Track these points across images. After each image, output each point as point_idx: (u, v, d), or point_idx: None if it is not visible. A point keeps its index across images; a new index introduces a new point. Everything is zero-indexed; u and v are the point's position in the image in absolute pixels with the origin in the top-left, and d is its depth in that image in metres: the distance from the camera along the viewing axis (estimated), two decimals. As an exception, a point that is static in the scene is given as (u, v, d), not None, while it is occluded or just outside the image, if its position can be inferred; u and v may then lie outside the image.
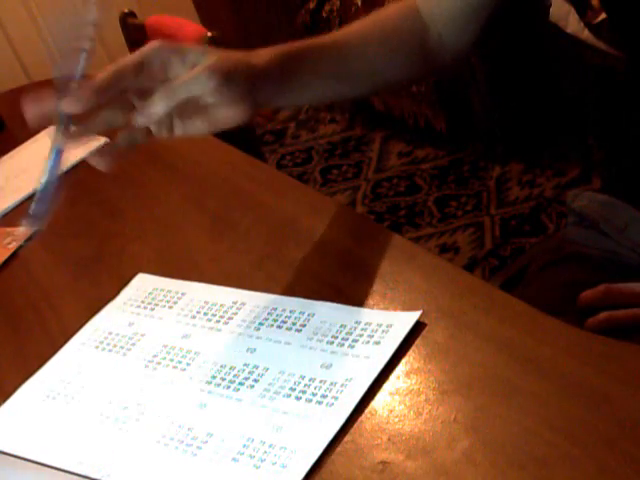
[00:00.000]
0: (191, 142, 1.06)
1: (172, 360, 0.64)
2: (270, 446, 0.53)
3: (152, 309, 0.72)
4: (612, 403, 0.48)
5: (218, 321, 0.67)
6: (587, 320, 0.68)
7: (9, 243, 0.92)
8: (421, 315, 0.58)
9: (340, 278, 0.67)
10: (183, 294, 0.72)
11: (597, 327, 0.67)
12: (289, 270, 0.70)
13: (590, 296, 0.71)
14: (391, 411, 0.52)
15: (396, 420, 0.52)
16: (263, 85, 0.66)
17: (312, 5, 2.49)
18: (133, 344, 0.68)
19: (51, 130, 0.61)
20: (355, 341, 0.59)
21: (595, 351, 0.53)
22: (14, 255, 0.90)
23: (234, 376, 0.60)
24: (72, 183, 1.05)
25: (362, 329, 0.60)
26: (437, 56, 0.80)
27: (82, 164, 1.08)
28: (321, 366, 0.58)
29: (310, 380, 0.57)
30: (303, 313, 0.64)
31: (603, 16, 0.76)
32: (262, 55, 0.67)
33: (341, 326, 0.61)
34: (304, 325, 0.62)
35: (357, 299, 0.63)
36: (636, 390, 0.48)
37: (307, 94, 0.74)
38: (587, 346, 0.53)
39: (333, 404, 0.54)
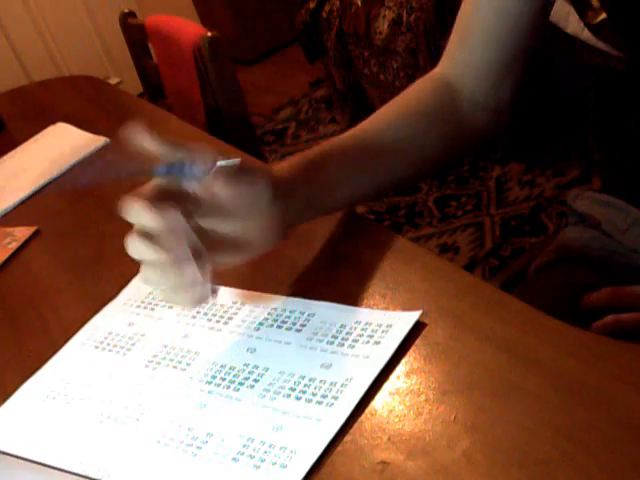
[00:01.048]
0: (190, 142, 1.06)
1: (172, 360, 0.64)
2: (270, 446, 0.53)
3: (152, 309, 0.72)
4: (612, 403, 0.48)
5: (218, 321, 0.67)
6: (593, 323, 0.68)
7: (9, 243, 0.92)
8: (421, 315, 0.58)
9: (340, 278, 0.67)
10: (183, 294, 0.72)
11: (603, 330, 0.67)
12: (289, 270, 0.70)
13: (595, 299, 0.71)
14: (391, 411, 0.52)
15: (396, 420, 0.52)
16: (291, 195, 0.60)
17: (312, 5, 2.49)
18: (133, 344, 0.68)
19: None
20: (355, 341, 0.59)
21: (595, 351, 0.53)
22: (14, 255, 0.90)
23: (234, 376, 0.60)
24: (72, 183, 1.05)
25: (362, 329, 0.60)
26: (472, 119, 0.72)
27: (82, 164, 1.08)
28: (321, 366, 0.58)
29: (310, 380, 0.57)
30: (303, 313, 0.64)
31: (603, 16, 0.76)
32: (281, 166, 0.62)
33: (341, 326, 0.61)
34: (304, 325, 0.62)
35: (357, 299, 0.63)
36: (636, 390, 0.48)
37: (338, 197, 0.66)
38: (587, 346, 0.53)
39: (333, 404, 0.54)
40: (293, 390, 0.57)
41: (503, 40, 0.69)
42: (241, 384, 0.59)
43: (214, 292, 0.59)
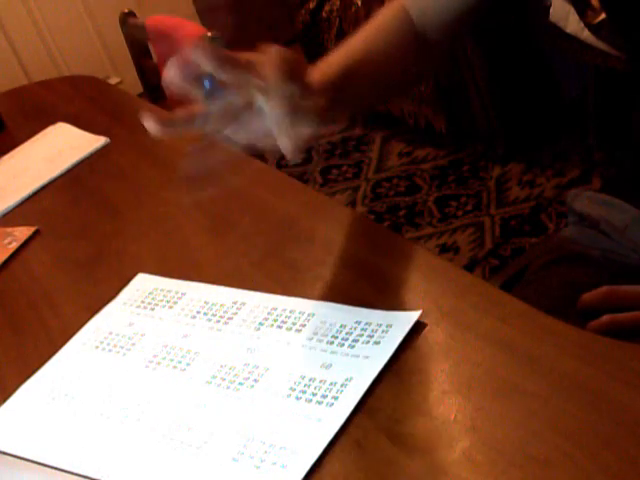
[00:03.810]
0: (190, 141, 1.06)
1: (172, 360, 0.64)
2: (270, 446, 0.53)
3: (152, 309, 0.72)
4: (612, 403, 0.48)
5: (218, 321, 0.67)
6: (589, 323, 0.68)
7: (9, 243, 0.92)
8: (421, 315, 0.58)
9: (340, 278, 0.67)
10: (183, 294, 0.72)
11: (599, 330, 0.67)
12: (289, 270, 0.70)
13: (591, 298, 0.71)
14: (391, 411, 0.52)
15: (396, 420, 0.52)
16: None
17: (312, 5, 2.49)
18: (133, 344, 0.68)
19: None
20: (355, 341, 0.59)
21: (595, 351, 0.53)
22: (14, 255, 0.90)
23: (234, 376, 0.60)
24: (72, 183, 1.05)
25: (362, 329, 0.60)
26: (425, 54, 0.83)
27: (82, 164, 1.08)
28: (321, 366, 0.58)
29: (310, 380, 0.57)
30: (303, 313, 0.64)
31: (603, 16, 0.76)
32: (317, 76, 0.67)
33: (341, 326, 0.61)
34: (304, 325, 0.62)
35: (357, 299, 0.63)
36: (636, 390, 0.48)
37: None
38: (587, 346, 0.53)
39: (333, 404, 0.54)
40: (293, 390, 0.57)
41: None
42: (241, 384, 0.59)
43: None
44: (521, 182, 2.07)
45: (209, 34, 1.33)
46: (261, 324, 0.64)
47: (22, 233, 0.94)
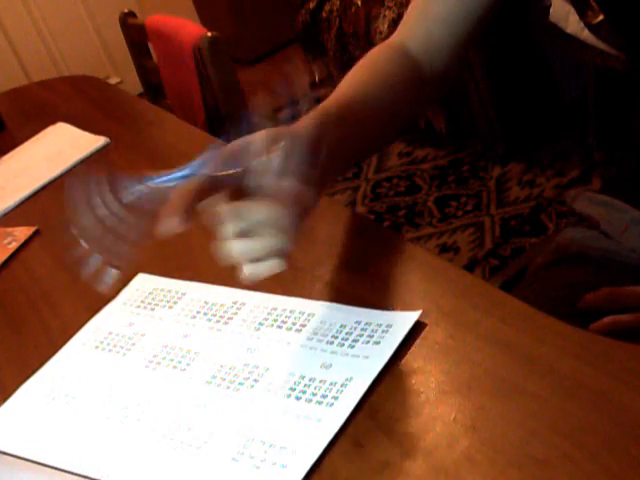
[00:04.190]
0: (190, 142, 1.06)
1: (172, 360, 0.64)
2: (270, 446, 0.53)
3: (152, 309, 0.72)
4: (612, 403, 0.48)
5: (218, 321, 0.67)
6: (591, 324, 0.68)
7: (9, 243, 0.92)
8: (421, 315, 0.58)
9: (340, 278, 0.67)
10: (183, 294, 0.72)
11: (601, 331, 0.67)
12: (289, 270, 0.70)
13: (593, 299, 0.71)
14: (391, 411, 0.52)
15: (396, 420, 0.52)
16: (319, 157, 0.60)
17: (312, 5, 2.49)
18: (133, 344, 0.68)
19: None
20: (355, 341, 0.59)
21: (595, 351, 0.53)
22: (14, 255, 0.90)
23: (234, 376, 0.60)
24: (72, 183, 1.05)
25: (362, 329, 0.60)
26: (432, 85, 0.80)
27: (82, 164, 1.08)
28: (321, 366, 0.58)
29: (310, 380, 0.57)
30: (303, 313, 0.64)
31: (602, 16, 0.76)
32: (301, 124, 0.63)
33: (341, 326, 0.61)
34: (304, 325, 0.62)
35: (357, 299, 0.63)
36: (636, 390, 0.48)
37: (349, 156, 0.70)
38: (587, 346, 0.53)
39: (333, 404, 0.54)
40: (293, 390, 0.57)
41: (461, 25, 0.76)
42: (241, 384, 0.59)
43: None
44: (521, 182, 2.07)
45: (209, 34, 1.33)
46: (261, 324, 0.64)
47: (22, 233, 0.94)
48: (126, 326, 0.71)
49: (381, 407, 0.53)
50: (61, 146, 1.15)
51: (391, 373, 0.55)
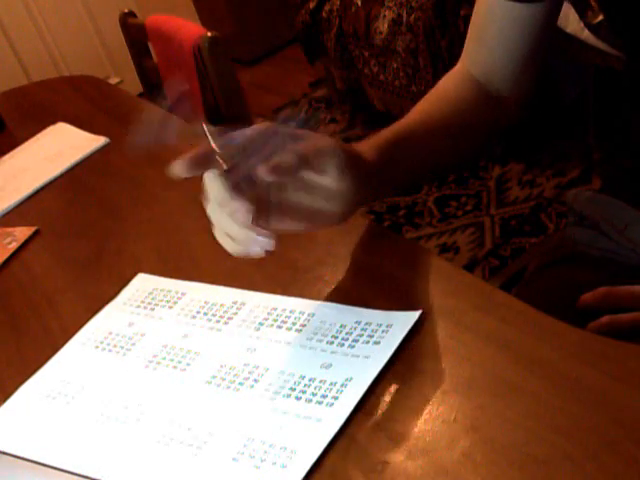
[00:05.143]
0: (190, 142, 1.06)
1: (172, 360, 0.64)
2: (270, 446, 0.53)
3: (152, 309, 0.72)
4: (612, 403, 0.48)
5: (218, 321, 0.67)
6: (588, 324, 0.68)
7: (9, 243, 0.92)
8: (421, 315, 0.58)
9: (340, 278, 0.67)
10: (183, 294, 0.72)
11: (599, 330, 0.67)
12: (289, 270, 0.70)
13: (590, 299, 0.71)
14: (391, 411, 0.52)
15: (396, 420, 0.52)
16: (371, 178, 0.63)
17: (312, 5, 2.49)
18: (133, 344, 0.68)
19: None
20: (355, 341, 0.59)
21: (595, 351, 0.53)
22: (14, 255, 0.90)
23: (234, 376, 0.60)
24: (72, 183, 1.05)
25: (362, 329, 0.60)
26: (501, 110, 0.79)
27: (82, 164, 1.09)
28: (321, 366, 0.58)
29: (310, 380, 0.57)
30: (303, 313, 0.64)
31: (602, 16, 0.76)
32: (365, 147, 0.65)
33: (341, 326, 0.61)
34: (304, 325, 0.62)
35: (357, 299, 0.63)
36: (636, 390, 0.48)
37: (402, 181, 0.72)
38: (587, 346, 0.53)
39: (333, 404, 0.54)
40: (293, 390, 0.57)
41: (518, 42, 0.75)
42: (241, 384, 0.59)
43: (268, 251, 0.59)
44: (521, 182, 2.07)
45: (209, 34, 1.33)
46: (261, 324, 0.64)
47: (22, 233, 0.94)
48: (126, 326, 0.71)
49: (381, 407, 0.53)
50: (61, 146, 1.15)
51: (391, 373, 0.55)
